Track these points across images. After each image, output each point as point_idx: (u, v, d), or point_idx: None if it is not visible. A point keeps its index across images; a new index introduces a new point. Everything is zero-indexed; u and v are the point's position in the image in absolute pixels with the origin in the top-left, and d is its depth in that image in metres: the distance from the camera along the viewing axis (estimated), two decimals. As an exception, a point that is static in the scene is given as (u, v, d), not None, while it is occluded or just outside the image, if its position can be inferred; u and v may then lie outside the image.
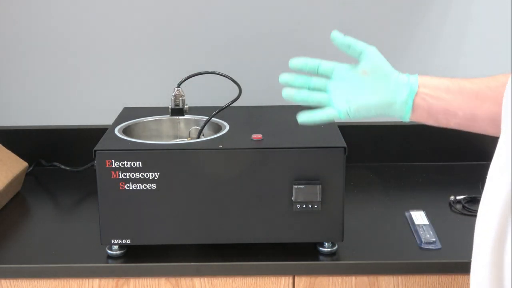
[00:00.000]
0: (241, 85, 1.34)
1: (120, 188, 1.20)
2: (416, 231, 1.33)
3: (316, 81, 1.10)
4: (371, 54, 1.07)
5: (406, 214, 1.42)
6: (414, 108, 1.07)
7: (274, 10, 1.69)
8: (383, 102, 1.07)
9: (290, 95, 1.10)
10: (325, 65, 1.10)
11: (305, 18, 1.69)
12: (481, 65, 1.68)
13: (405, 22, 1.71)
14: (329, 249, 1.25)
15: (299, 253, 1.25)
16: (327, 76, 1.10)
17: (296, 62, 1.10)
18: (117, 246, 1.25)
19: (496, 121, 1.02)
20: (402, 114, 1.08)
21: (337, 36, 1.08)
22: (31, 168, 1.69)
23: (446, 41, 1.71)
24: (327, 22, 1.69)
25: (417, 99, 1.07)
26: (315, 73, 1.10)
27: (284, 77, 1.11)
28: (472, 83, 1.07)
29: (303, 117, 1.10)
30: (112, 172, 1.20)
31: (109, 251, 1.25)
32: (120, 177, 1.20)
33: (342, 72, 1.09)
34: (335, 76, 1.09)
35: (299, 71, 1.10)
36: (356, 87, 1.08)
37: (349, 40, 1.08)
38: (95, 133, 1.37)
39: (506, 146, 0.88)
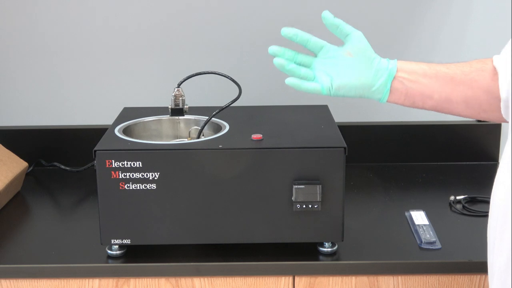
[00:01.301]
0: (241, 85, 1.34)
1: (120, 188, 1.20)
2: (416, 231, 1.33)
3: (302, 58, 1.15)
4: (357, 37, 1.13)
5: (406, 214, 1.42)
6: (392, 90, 1.13)
7: (274, 10, 1.69)
8: (363, 84, 1.12)
9: (281, 64, 1.15)
10: (314, 40, 1.15)
11: (305, 18, 1.69)
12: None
13: (405, 22, 1.71)
14: (329, 249, 1.25)
15: (299, 253, 1.25)
16: (314, 52, 1.15)
17: (287, 31, 1.15)
18: (117, 246, 1.25)
19: (470, 104, 1.10)
20: (380, 96, 1.13)
21: (327, 16, 1.13)
22: (31, 168, 1.69)
23: (446, 42, 1.71)
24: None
25: (395, 82, 1.12)
26: (304, 46, 1.15)
27: (273, 49, 1.16)
28: (447, 68, 1.12)
29: (291, 81, 1.15)
30: (112, 172, 1.20)
31: (109, 251, 1.25)
32: (120, 177, 1.20)
33: (330, 51, 1.14)
34: (322, 54, 1.15)
35: (289, 40, 1.15)
36: (339, 66, 1.13)
37: (338, 22, 1.13)
38: (95, 133, 1.38)
39: None
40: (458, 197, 1.48)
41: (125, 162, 1.19)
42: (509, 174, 0.93)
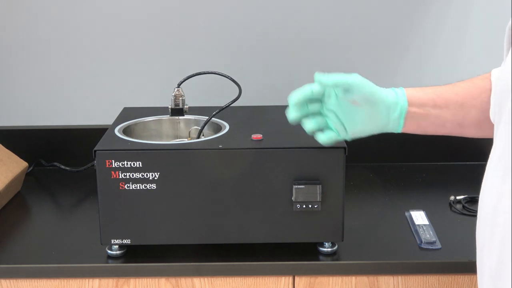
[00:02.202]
0: (241, 85, 1.34)
1: (120, 188, 1.20)
2: (416, 231, 1.33)
3: (312, 107, 1.14)
4: (358, 85, 1.09)
5: (406, 214, 1.42)
6: (404, 125, 1.12)
7: (274, 10, 1.69)
8: (378, 126, 1.12)
9: (311, 129, 1.15)
10: (315, 91, 1.12)
11: (305, 18, 1.69)
12: (480, 66, 1.67)
13: (404, 22, 1.71)
14: (329, 249, 1.25)
15: (299, 253, 1.25)
16: (319, 100, 1.14)
17: (294, 98, 1.13)
18: (117, 246, 1.25)
19: (482, 126, 1.09)
20: (394, 131, 1.13)
21: (317, 79, 1.11)
22: (31, 168, 1.69)
23: (445, 42, 1.71)
24: (327, 22, 1.69)
25: (407, 117, 1.11)
26: (312, 99, 1.14)
27: (292, 116, 1.14)
28: (456, 94, 1.10)
29: (324, 140, 1.15)
30: (112, 172, 1.20)
31: (109, 251, 1.25)
32: (120, 177, 1.20)
33: (332, 98, 1.12)
34: (326, 100, 1.13)
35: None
36: (350, 116, 1.12)
37: (334, 79, 1.10)
38: (95, 133, 1.38)
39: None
40: (458, 197, 1.48)
41: (125, 162, 1.19)
42: (496, 177, 0.93)
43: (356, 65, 1.70)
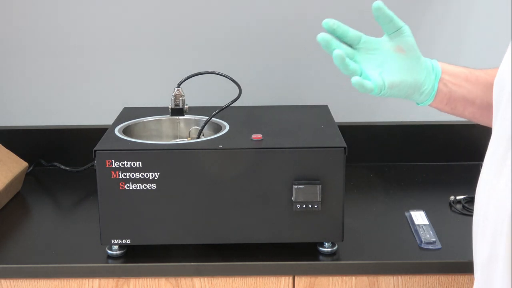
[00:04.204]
0: (241, 85, 1.34)
1: (120, 188, 1.20)
2: (416, 231, 1.33)
3: (347, 49, 1.05)
4: (408, 33, 1.06)
5: (406, 214, 1.42)
6: (437, 93, 1.08)
7: (274, 10, 1.69)
8: (416, 82, 1.06)
9: (341, 57, 1.00)
10: (353, 31, 1.05)
11: (305, 18, 1.69)
12: (480, 66, 1.68)
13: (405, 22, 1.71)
14: (329, 249, 1.25)
15: (299, 253, 1.25)
16: (351, 45, 1.05)
17: (331, 22, 1.03)
18: (117, 246, 1.25)
19: None
20: (426, 98, 1.08)
21: (381, 6, 1.03)
22: (31, 168, 1.69)
23: (445, 42, 1.71)
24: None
25: (440, 84, 1.08)
26: (343, 38, 1.05)
27: (322, 37, 1.02)
28: (486, 73, 1.09)
29: (357, 80, 1.00)
30: (112, 172, 1.20)
31: (109, 251, 1.25)
32: (120, 177, 1.20)
33: (371, 43, 1.06)
34: (362, 46, 1.05)
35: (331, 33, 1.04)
36: (390, 63, 1.05)
37: (392, 14, 1.04)
38: (95, 133, 1.37)
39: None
40: (458, 197, 1.48)
41: (125, 162, 1.19)
42: (490, 171, 0.94)
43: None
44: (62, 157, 1.72)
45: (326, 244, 1.25)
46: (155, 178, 1.20)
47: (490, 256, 0.92)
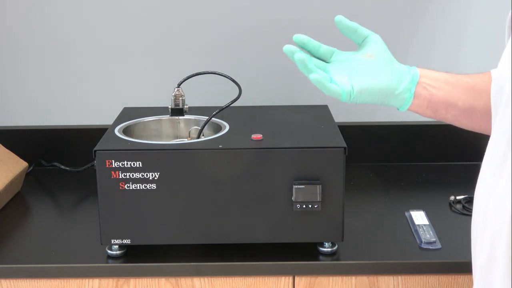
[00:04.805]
0: (241, 85, 1.34)
1: (120, 188, 1.20)
2: (416, 231, 1.33)
3: (315, 62, 1.07)
4: (376, 39, 1.08)
5: (406, 214, 1.42)
6: (415, 96, 1.08)
7: (274, 10, 1.69)
8: (387, 86, 1.06)
9: (302, 60, 1.04)
10: (325, 47, 1.09)
11: (306, 18, 1.69)
12: (480, 66, 1.68)
13: (403, 22, 1.71)
14: (329, 249, 1.25)
15: (299, 253, 1.25)
16: (324, 59, 1.09)
17: (301, 37, 1.08)
18: (117, 246, 1.25)
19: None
20: (402, 102, 1.08)
21: (342, 20, 1.07)
22: (31, 168, 1.69)
23: (444, 42, 1.71)
24: (327, 22, 1.69)
25: (419, 87, 1.08)
26: (314, 53, 1.09)
27: (288, 48, 1.06)
28: (467, 77, 1.10)
29: (316, 77, 1.03)
30: (112, 172, 1.20)
31: (109, 251, 1.25)
32: (120, 177, 1.20)
33: (342, 55, 1.08)
34: (335, 59, 1.09)
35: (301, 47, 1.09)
36: (359, 69, 1.06)
37: (355, 25, 1.08)
38: (95, 133, 1.38)
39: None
40: (458, 197, 1.48)
41: (125, 162, 1.19)
42: (489, 172, 0.93)
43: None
44: (62, 157, 1.72)
45: (326, 244, 1.25)
46: (155, 178, 1.20)
47: (489, 258, 0.92)
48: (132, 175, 1.20)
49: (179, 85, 1.40)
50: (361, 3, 1.69)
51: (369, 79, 1.05)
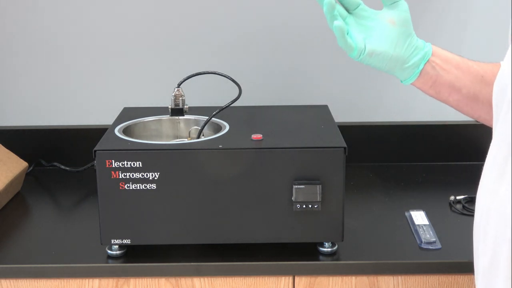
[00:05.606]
0: (241, 85, 1.34)
1: (120, 188, 1.20)
2: (416, 231, 1.33)
3: (340, 10, 1.06)
4: (404, 7, 1.07)
5: (406, 214, 1.42)
6: (421, 73, 1.08)
7: (274, 10, 1.69)
8: (397, 58, 1.07)
9: (330, 2, 1.03)
10: None
11: (306, 18, 1.69)
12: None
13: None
14: (329, 249, 1.25)
15: (299, 253, 1.25)
16: (348, 9, 1.08)
17: None
18: (117, 246, 1.25)
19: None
20: (408, 76, 1.08)
21: None
22: (31, 168, 1.69)
23: (444, 42, 1.71)
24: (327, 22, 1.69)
25: (428, 66, 1.08)
26: (342, 0, 1.07)
27: None
28: (479, 65, 1.10)
29: (339, 24, 1.03)
30: (112, 172, 1.20)
31: (109, 251, 1.25)
32: (120, 177, 1.20)
33: (367, 11, 1.07)
34: (357, 12, 1.07)
35: None
36: (377, 31, 1.06)
37: None
38: (95, 133, 1.38)
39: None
40: (458, 197, 1.48)
41: (125, 162, 1.19)
42: (491, 176, 0.93)
43: (357, 64, 1.69)
44: (62, 157, 1.72)
45: (326, 244, 1.25)
46: (155, 178, 1.20)
47: (491, 262, 0.92)
48: (132, 175, 1.20)
49: (179, 85, 1.40)
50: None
51: (383, 45, 1.06)
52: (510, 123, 0.89)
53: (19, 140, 1.71)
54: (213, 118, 1.36)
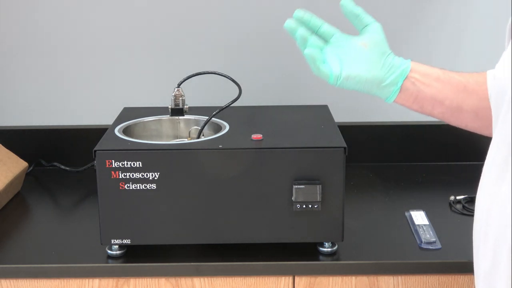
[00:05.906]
0: (241, 85, 1.34)
1: (120, 188, 1.20)
2: (416, 231, 1.33)
3: (314, 40, 1.10)
4: (375, 29, 1.09)
5: (406, 214, 1.42)
6: (402, 90, 1.09)
7: (274, 10, 1.69)
8: (374, 77, 1.08)
9: (302, 36, 1.09)
10: (327, 27, 1.11)
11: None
12: (480, 66, 1.68)
13: (403, 22, 1.71)
14: (329, 249, 1.25)
15: (299, 253, 1.25)
16: (324, 39, 1.11)
17: (301, 13, 1.10)
18: (117, 246, 1.25)
19: (479, 115, 1.07)
20: (388, 94, 1.10)
21: (347, 4, 1.09)
22: (31, 168, 1.69)
23: (444, 42, 1.71)
24: (327, 22, 1.69)
25: (407, 82, 1.09)
26: (315, 31, 1.11)
27: (289, 24, 1.11)
28: (461, 76, 1.10)
29: (311, 51, 1.09)
30: (112, 172, 1.20)
31: (109, 251, 1.25)
32: (120, 177, 1.20)
33: (341, 39, 1.10)
34: (334, 41, 1.10)
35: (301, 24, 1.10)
36: (351, 56, 1.09)
37: (358, 10, 1.10)
38: (95, 133, 1.38)
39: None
40: (458, 197, 1.48)
41: (125, 162, 1.19)
42: (490, 177, 0.93)
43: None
44: (62, 157, 1.72)
45: (326, 244, 1.25)
46: (155, 178, 1.20)
47: (492, 264, 0.91)
48: (132, 175, 1.20)
49: (179, 85, 1.40)
50: (360, 3, 1.68)
51: (357, 68, 1.08)
52: (510, 123, 0.89)
53: (19, 140, 1.71)
54: (213, 118, 1.36)
